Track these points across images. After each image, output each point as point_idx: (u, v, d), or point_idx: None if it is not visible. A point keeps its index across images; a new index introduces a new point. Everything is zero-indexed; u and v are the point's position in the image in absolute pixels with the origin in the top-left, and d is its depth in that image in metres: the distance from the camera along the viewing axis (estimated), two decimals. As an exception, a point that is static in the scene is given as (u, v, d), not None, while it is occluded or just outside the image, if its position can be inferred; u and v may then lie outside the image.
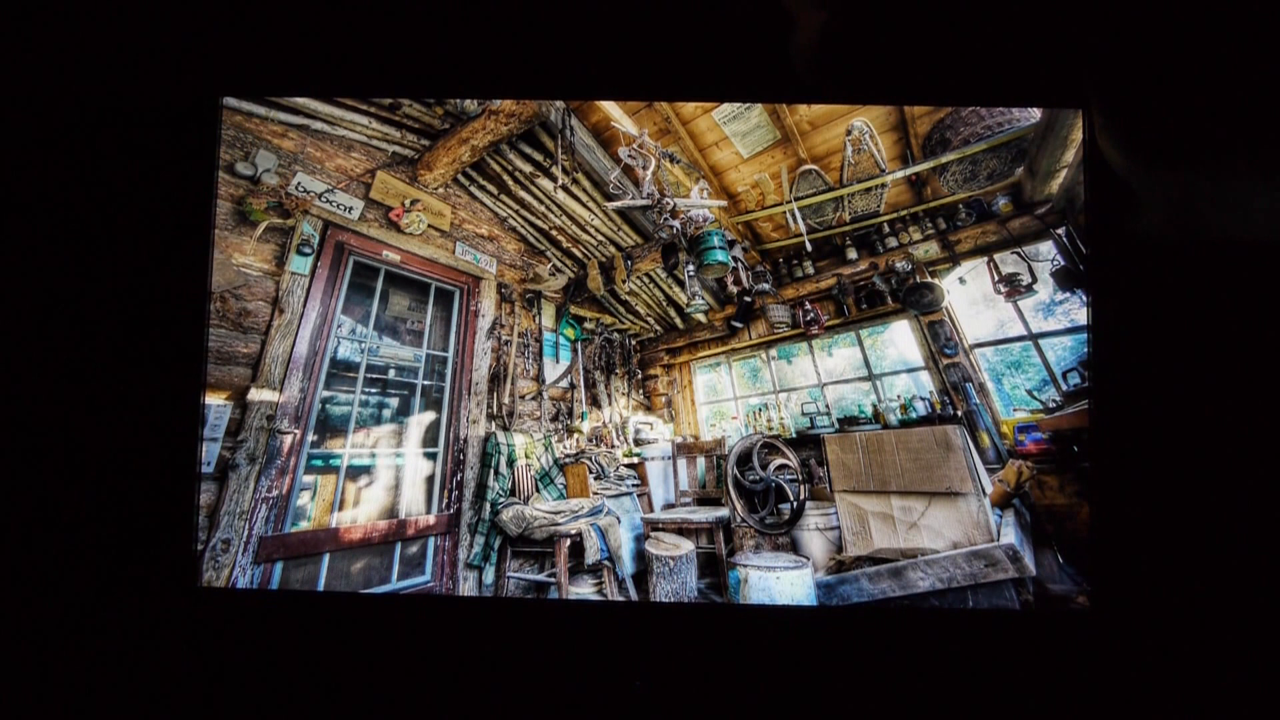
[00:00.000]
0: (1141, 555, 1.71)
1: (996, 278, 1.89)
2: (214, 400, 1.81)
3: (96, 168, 1.86)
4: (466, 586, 1.83)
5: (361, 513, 1.86)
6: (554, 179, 2.02)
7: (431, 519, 1.90)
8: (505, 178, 2.05)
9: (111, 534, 1.78)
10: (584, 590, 1.75)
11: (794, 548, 1.80)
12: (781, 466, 1.78)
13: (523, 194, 2.05)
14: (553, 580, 1.77)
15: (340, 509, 1.85)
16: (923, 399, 1.82)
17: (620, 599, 1.76)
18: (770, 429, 1.80)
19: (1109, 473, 1.74)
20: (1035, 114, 1.96)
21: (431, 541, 1.88)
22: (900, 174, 1.98)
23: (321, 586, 1.79)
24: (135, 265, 1.85)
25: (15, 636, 1.73)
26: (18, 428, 1.79)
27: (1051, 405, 1.81)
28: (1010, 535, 1.76)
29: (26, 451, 1.80)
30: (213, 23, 1.93)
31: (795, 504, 1.79)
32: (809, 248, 1.95)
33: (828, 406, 1.82)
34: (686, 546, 1.78)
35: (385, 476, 1.89)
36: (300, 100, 1.98)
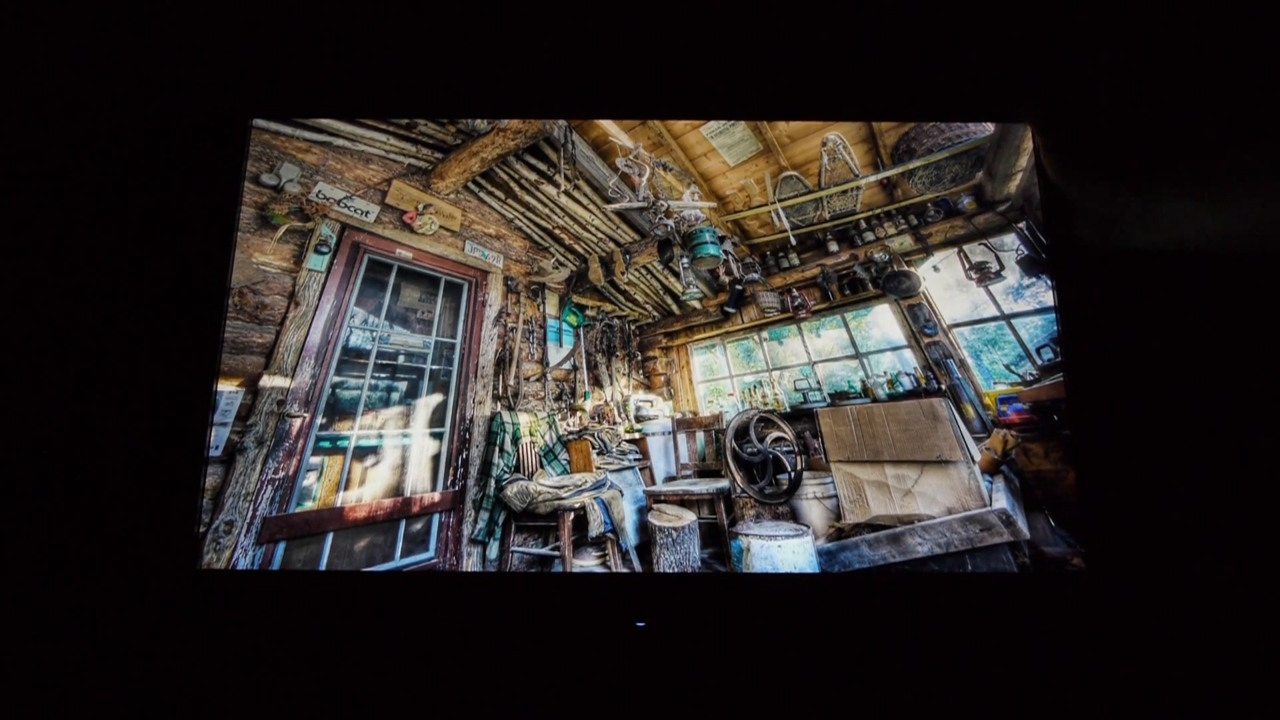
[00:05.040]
0: (1128, 517, 1.71)
1: (967, 265, 1.96)
2: (226, 387, 1.78)
3: (140, 178, 1.93)
4: (470, 562, 1.74)
5: (367, 492, 1.77)
6: (557, 186, 2.10)
7: (436, 496, 1.81)
8: (512, 184, 2.11)
9: (117, 518, 1.72)
10: (588, 563, 1.69)
11: (793, 516, 1.76)
12: (778, 439, 1.77)
13: (528, 198, 2.12)
14: (557, 554, 1.70)
15: (346, 488, 1.76)
16: (908, 375, 1.84)
17: (624, 570, 1.70)
18: (765, 404, 1.81)
19: (1089, 439, 1.77)
20: (989, 128, 2.11)
21: (436, 518, 1.79)
22: (872, 178, 2.08)
23: (324, 565, 1.71)
24: (164, 265, 1.89)
25: (16, 619, 1.63)
26: (36, 413, 1.76)
27: (1029, 378, 1.83)
28: (1002, 500, 1.75)
29: (40, 438, 1.76)
30: (246, 53, 2.06)
31: (793, 474, 1.76)
32: (794, 242, 2.02)
33: (819, 383, 1.84)
34: (689, 518, 1.73)
35: (391, 456, 1.81)
36: (324, 121, 2.07)
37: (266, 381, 1.81)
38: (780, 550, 1.66)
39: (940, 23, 2.03)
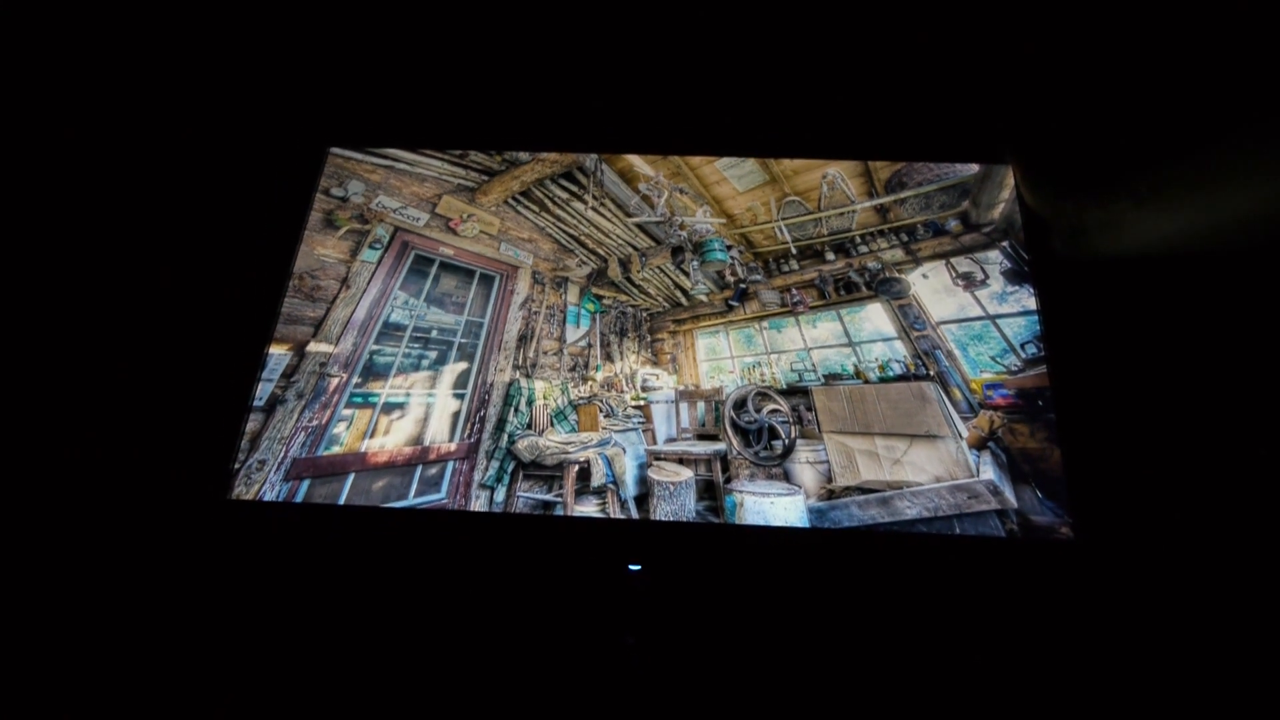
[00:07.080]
0: (1113, 491, 1.78)
1: (954, 275, 2.15)
2: (277, 350, 2.03)
3: (235, 187, 2.34)
4: (479, 504, 1.84)
5: (390, 440, 1.92)
6: (585, 204, 2.43)
7: (453, 446, 1.93)
8: (546, 201, 2.43)
9: (165, 452, 1.93)
10: (588, 509, 1.78)
11: (787, 478, 1.83)
12: (773, 411, 1.90)
13: (559, 212, 2.42)
14: (559, 499, 1.81)
15: (371, 436, 1.95)
16: (898, 362, 1.99)
17: (622, 517, 1.78)
18: (763, 381, 1.97)
19: (1073, 422, 1.87)
20: (974, 167, 2.39)
21: (451, 465, 1.91)
22: (867, 204, 2.34)
23: (343, 501, 1.84)
24: (242, 253, 2.24)
25: (66, 528, 1.80)
26: (116, 362, 2.04)
27: (1013, 369, 1.97)
28: (989, 472, 1.81)
29: (114, 382, 2.02)
30: (328, 93, 2.54)
31: (787, 441, 1.87)
32: (794, 251, 2.27)
33: (814, 365, 1.99)
34: (686, 474, 1.82)
35: (416, 411, 1.97)
36: (389, 150, 2.49)
37: (313, 347, 2.05)
38: (773, 506, 1.74)
39: (933, 78, 2.40)
